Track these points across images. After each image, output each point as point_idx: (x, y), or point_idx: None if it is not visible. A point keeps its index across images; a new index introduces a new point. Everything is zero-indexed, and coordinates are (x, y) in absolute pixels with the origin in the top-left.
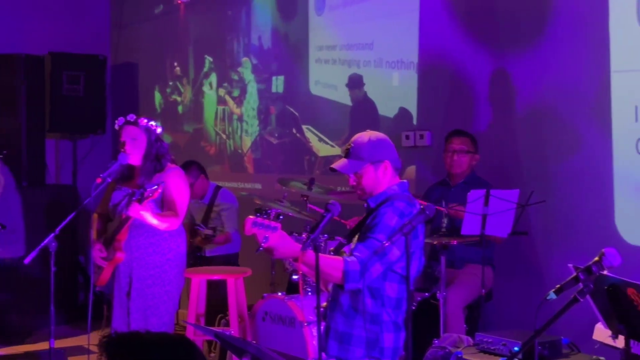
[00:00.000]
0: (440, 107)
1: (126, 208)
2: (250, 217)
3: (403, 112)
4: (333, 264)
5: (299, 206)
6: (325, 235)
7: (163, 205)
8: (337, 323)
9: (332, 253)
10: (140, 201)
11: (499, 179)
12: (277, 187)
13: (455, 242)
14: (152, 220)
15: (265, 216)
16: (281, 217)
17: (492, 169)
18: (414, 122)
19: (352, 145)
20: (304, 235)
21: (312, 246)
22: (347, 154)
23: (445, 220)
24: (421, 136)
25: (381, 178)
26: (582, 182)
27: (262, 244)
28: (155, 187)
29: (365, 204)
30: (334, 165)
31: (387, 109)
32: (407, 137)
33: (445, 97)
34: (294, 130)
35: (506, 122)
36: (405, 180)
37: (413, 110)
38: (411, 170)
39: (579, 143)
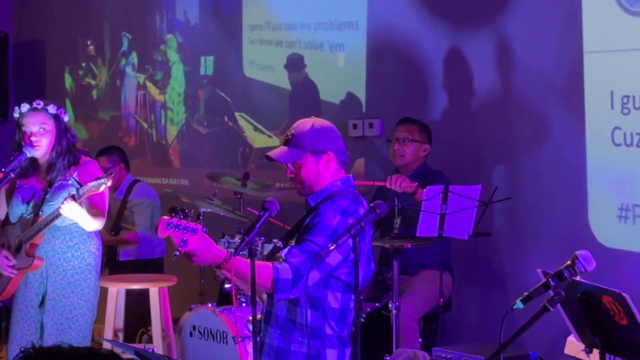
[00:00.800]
0: (392, 93)
1: (64, 204)
2: (164, 217)
3: (350, 98)
4: (262, 272)
5: (231, 205)
6: (262, 238)
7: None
8: (273, 338)
9: (264, 259)
10: (77, 198)
11: (459, 174)
12: (207, 183)
13: (409, 246)
14: (86, 221)
15: (182, 216)
16: (201, 217)
17: (451, 162)
18: (363, 108)
19: (293, 132)
20: (237, 238)
21: (246, 251)
22: (287, 141)
23: (397, 220)
24: (370, 125)
25: (323, 171)
26: (552, 177)
27: (180, 248)
28: (99, 181)
29: (305, 200)
30: (270, 153)
31: (331, 93)
32: (355, 126)
33: (398, 81)
34: (226, 118)
35: (466, 109)
36: (349, 175)
37: (361, 95)
38: (359, 163)
39: (548, 133)
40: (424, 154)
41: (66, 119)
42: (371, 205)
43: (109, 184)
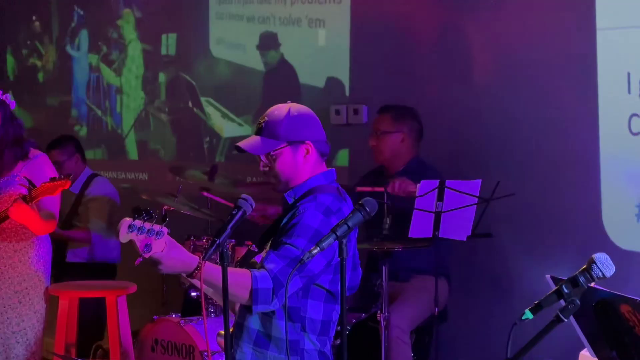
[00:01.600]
0: (379, 75)
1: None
2: (126, 219)
3: (332, 81)
4: (238, 280)
5: (197, 202)
6: (233, 241)
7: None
8: (245, 354)
9: (237, 265)
10: (28, 200)
11: (456, 168)
12: (169, 177)
13: (400, 248)
14: (36, 224)
15: (146, 217)
16: (167, 218)
17: (447, 154)
18: (346, 93)
19: (267, 119)
20: (204, 241)
21: (217, 255)
22: (260, 130)
23: (387, 220)
24: (355, 111)
25: (301, 164)
26: (561, 170)
27: (143, 254)
28: (55, 183)
29: (283, 197)
30: (240, 143)
31: (311, 76)
32: (338, 113)
33: (386, 62)
34: (190, 104)
35: (464, 94)
36: (332, 168)
37: (345, 78)
38: (343, 155)
39: (556, 121)
40: (406, 145)
41: (12, 105)
42: (359, 202)
43: (67, 186)
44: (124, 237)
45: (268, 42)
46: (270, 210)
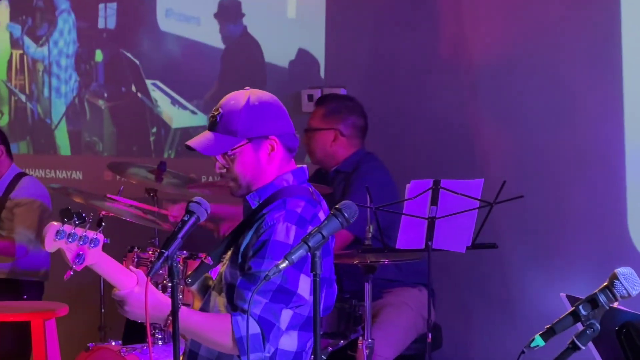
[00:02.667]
0: (361, 52)
1: None
2: (54, 223)
3: (304, 59)
4: (216, 326)
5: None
6: (184, 252)
7: None
8: None
9: (189, 281)
10: None
11: (453, 165)
12: (108, 176)
13: (386, 262)
14: None
15: (78, 222)
16: (104, 223)
17: (442, 148)
18: (321, 73)
19: (221, 111)
20: (150, 253)
21: (165, 269)
22: (214, 125)
23: (370, 227)
24: None
25: (265, 163)
26: (578, 167)
27: (74, 266)
28: None
29: (244, 201)
30: (191, 142)
31: (279, 53)
32: (311, 98)
33: (370, 36)
34: (134, 88)
35: (463, 75)
36: (302, 166)
37: (319, 55)
38: None
39: (572, 113)
40: (341, 143)
41: None
42: (336, 207)
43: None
44: (52, 245)
45: (228, 12)
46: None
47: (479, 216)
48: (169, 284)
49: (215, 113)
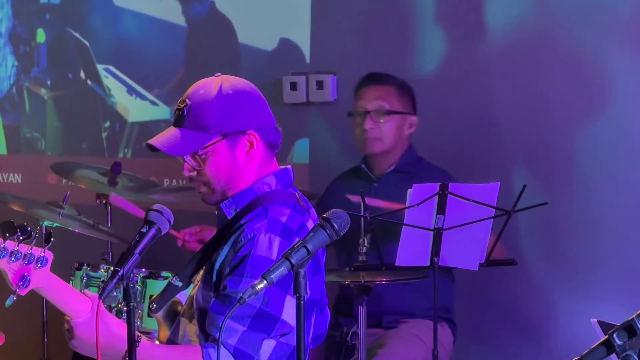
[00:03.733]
0: (354, 32)
1: None
2: None
3: (286, 42)
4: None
5: (93, 215)
6: (143, 271)
7: None
8: None
9: (153, 306)
10: None
11: (462, 166)
12: (52, 179)
13: (384, 281)
14: None
15: (22, 237)
16: (53, 239)
17: (448, 148)
18: (306, 58)
19: (189, 103)
20: (102, 271)
21: (120, 291)
22: (180, 119)
23: (365, 240)
24: (319, 84)
25: (243, 163)
26: (612, 172)
27: (18, 290)
28: None
29: (217, 210)
30: (154, 142)
31: (255, 34)
32: (294, 87)
33: (364, 13)
34: (83, 75)
35: (473, 59)
36: (286, 167)
37: (304, 38)
38: (302, 147)
39: (604, 97)
40: (409, 131)
41: None
42: (324, 216)
43: None
44: None
45: None
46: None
47: (494, 227)
48: (125, 308)
49: (182, 105)
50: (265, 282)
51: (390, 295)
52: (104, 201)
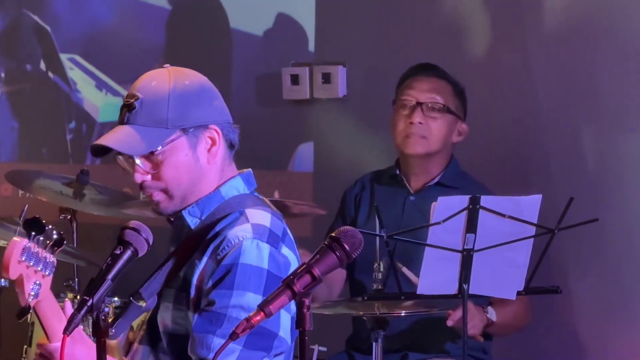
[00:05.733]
0: (367, 16)
1: None
2: (19, 239)
3: (285, 25)
4: None
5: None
6: (115, 300)
7: None
8: None
9: (112, 331)
10: None
11: (500, 177)
12: (6, 190)
13: (403, 314)
14: None
15: (40, 238)
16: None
17: (483, 153)
18: (310, 46)
19: (140, 96)
20: (67, 300)
21: (89, 322)
22: (131, 115)
23: (380, 264)
24: (325, 78)
25: (205, 163)
26: None
27: (30, 300)
28: None
29: (174, 219)
30: (105, 141)
31: (250, 18)
32: (295, 80)
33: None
34: (43, 66)
35: (509, 61)
36: (248, 169)
37: (308, 22)
38: (305, 152)
39: None
40: (458, 139)
41: None
42: (332, 235)
43: None
44: (16, 269)
45: None
46: None
47: (535, 247)
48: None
49: (132, 100)
50: (262, 314)
51: (417, 329)
52: (68, 216)
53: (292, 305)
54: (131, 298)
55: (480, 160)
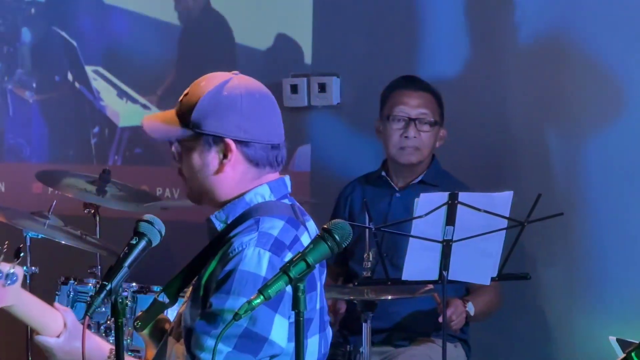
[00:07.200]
0: (359, 31)
1: None
2: None
3: (285, 41)
4: None
5: (80, 226)
6: (134, 285)
7: None
8: None
9: (138, 324)
10: None
11: (475, 176)
12: (37, 188)
13: (389, 298)
14: None
15: None
16: (22, 253)
17: (462, 154)
18: (307, 59)
19: (189, 91)
20: (90, 285)
21: (108, 307)
22: (178, 104)
23: (370, 254)
24: (322, 87)
25: (213, 172)
26: (633, 177)
27: None
28: None
29: (207, 222)
30: (146, 117)
31: (253, 34)
32: (294, 89)
33: (371, 10)
34: (70, 77)
35: (484, 61)
36: (281, 177)
37: (305, 37)
38: (303, 154)
39: (622, 104)
40: (439, 143)
41: None
42: (325, 227)
43: None
44: None
45: None
46: None
47: (507, 239)
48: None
49: (186, 90)
50: (262, 297)
51: (402, 311)
52: (92, 211)
53: (289, 311)
54: (156, 295)
55: (459, 160)
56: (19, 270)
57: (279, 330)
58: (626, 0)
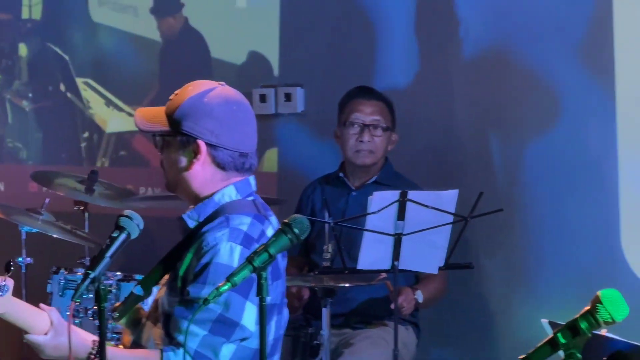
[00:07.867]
0: (321, 46)
1: None
2: None
3: (255, 56)
4: None
5: (70, 221)
6: (118, 274)
7: None
8: None
9: (115, 314)
10: None
11: (424, 176)
12: (32, 187)
13: (347, 285)
14: None
15: None
16: (13, 267)
17: (413, 156)
18: (275, 71)
19: (177, 92)
20: (79, 274)
21: (92, 293)
22: (169, 102)
23: (329, 246)
24: (287, 96)
25: (183, 169)
26: (565, 179)
27: None
28: None
29: (179, 219)
30: (141, 109)
31: (226, 49)
32: (263, 98)
33: (331, 29)
34: (63, 87)
35: (436, 72)
36: (245, 177)
37: (272, 51)
38: (270, 156)
39: (558, 110)
40: (391, 147)
41: None
42: (285, 221)
43: None
44: None
45: (166, 1)
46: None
47: (453, 232)
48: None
49: (176, 91)
50: (229, 284)
51: (359, 298)
52: (81, 208)
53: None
54: (133, 288)
55: (409, 162)
56: (9, 282)
57: (250, 316)
58: (561, 18)
